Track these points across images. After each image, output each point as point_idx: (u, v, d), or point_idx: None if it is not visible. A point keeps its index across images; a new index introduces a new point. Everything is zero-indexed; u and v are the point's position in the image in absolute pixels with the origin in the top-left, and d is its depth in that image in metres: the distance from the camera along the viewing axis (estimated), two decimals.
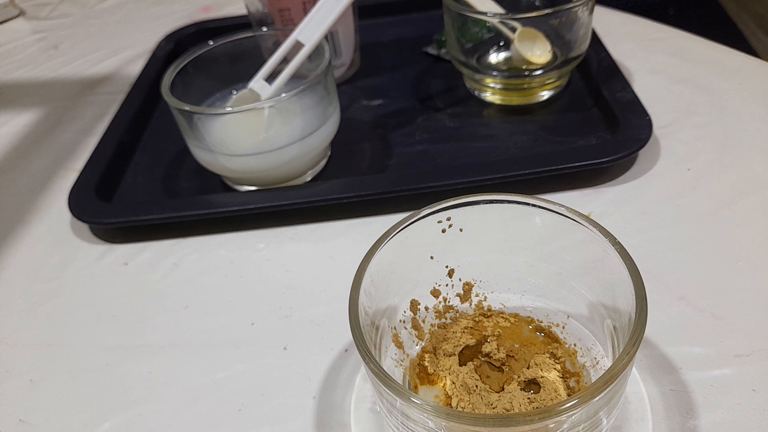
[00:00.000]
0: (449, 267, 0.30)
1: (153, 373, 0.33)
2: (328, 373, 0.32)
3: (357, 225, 0.41)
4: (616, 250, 0.24)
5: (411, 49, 0.59)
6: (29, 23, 0.79)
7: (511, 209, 0.28)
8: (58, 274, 0.40)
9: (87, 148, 0.51)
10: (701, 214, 0.38)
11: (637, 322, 0.22)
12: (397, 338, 0.29)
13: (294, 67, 0.42)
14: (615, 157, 0.40)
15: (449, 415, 0.21)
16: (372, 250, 0.26)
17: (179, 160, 0.48)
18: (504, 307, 0.31)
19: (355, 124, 0.50)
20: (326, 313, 0.35)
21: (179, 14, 0.75)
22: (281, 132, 0.41)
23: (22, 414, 0.32)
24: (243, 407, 0.31)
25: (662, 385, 0.29)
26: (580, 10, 0.44)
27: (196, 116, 0.40)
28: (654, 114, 0.43)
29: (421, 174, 0.41)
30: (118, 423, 0.31)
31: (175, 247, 0.41)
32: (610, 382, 0.20)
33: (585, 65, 0.50)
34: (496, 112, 0.49)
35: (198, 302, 0.37)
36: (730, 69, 0.50)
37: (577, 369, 0.28)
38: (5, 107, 0.61)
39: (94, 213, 0.42)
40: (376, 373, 0.22)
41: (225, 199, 0.41)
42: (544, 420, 0.20)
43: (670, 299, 0.33)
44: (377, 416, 0.29)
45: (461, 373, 0.27)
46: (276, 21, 0.50)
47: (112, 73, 0.64)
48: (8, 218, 0.46)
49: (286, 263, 0.39)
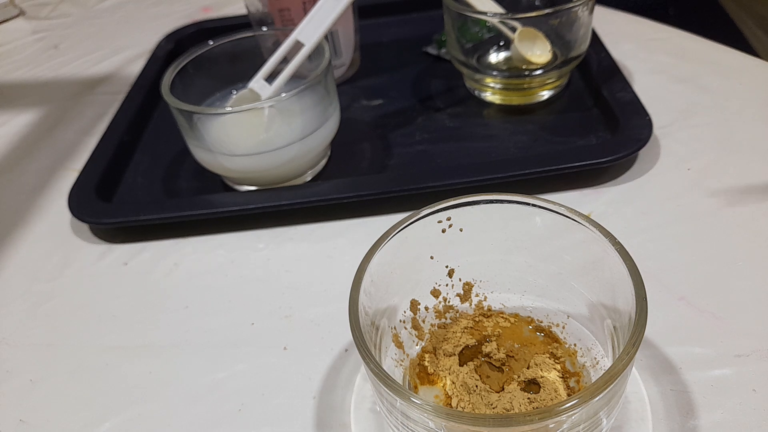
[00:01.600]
0: (449, 267, 0.30)
1: (153, 373, 0.33)
2: (328, 373, 0.32)
3: (357, 225, 0.41)
4: (616, 250, 0.25)
5: (411, 49, 0.59)
6: (29, 23, 0.79)
7: (511, 209, 0.28)
8: (58, 274, 0.40)
9: (87, 148, 0.51)
10: (701, 214, 0.38)
11: (637, 322, 0.22)
12: (397, 338, 0.29)
13: (294, 67, 0.42)
14: (615, 157, 0.40)
15: (449, 415, 0.21)
16: (372, 250, 0.26)
17: (179, 160, 0.48)
18: (504, 307, 0.31)
19: (355, 124, 0.50)
20: (326, 313, 0.35)
21: (179, 14, 0.75)
22: (281, 132, 0.41)
23: (22, 414, 0.32)
24: (243, 407, 0.31)
25: (662, 385, 0.29)
26: (580, 10, 0.44)
27: (196, 116, 0.40)
28: (654, 114, 0.43)
29: (421, 174, 0.41)
30: (118, 423, 0.31)
31: (175, 247, 0.41)
32: (610, 382, 0.21)
33: (585, 65, 0.50)
34: (496, 112, 0.49)
35: (198, 302, 0.37)
36: (730, 69, 0.50)
37: (577, 369, 0.28)
38: (5, 107, 0.61)
39: (94, 213, 0.42)
40: (376, 373, 0.22)
41: (225, 199, 0.41)
42: (544, 420, 0.20)
43: (670, 299, 0.33)
44: (377, 416, 0.29)
45: (461, 373, 0.27)
46: (276, 21, 0.50)
47: (112, 73, 0.64)
48: (8, 218, 0.46)
49: (286, 263, 0.39)
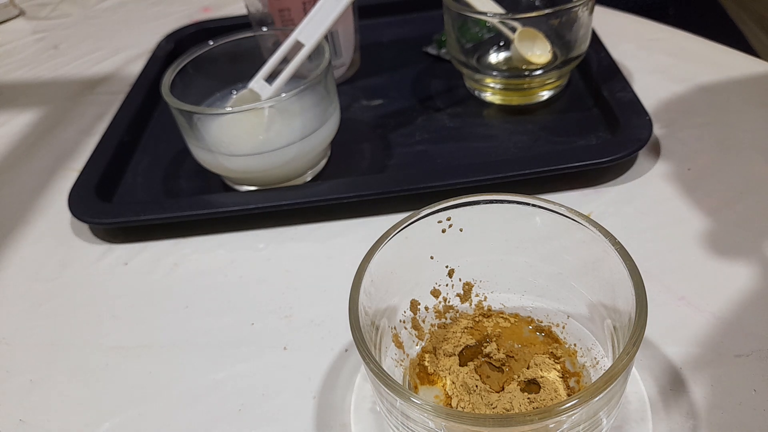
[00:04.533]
0: (449, 267, 0.30)
1: (153, 373, 0.33)
2: (328, 373, 0.32)
3: (357, 225, 0.41)
4: (616, 250, 0.24)
5: (411, 49, 0.59)
6: (29, 23, 0.79)
7: (511, 209, 0.28)
8: (58, 274, 0.40)
9: (87, 148, 0.51)
10: (701, 214, 0.38)
11: (637, 322, 0.22)
12: (397, 338, 0.29)
13: (294, 67, 0.42)
14: (615, 157, 0.40)
15: (449, 415, 0.21)
16: (372, 250, 0.26)
17: (179, 160, 0.48)
18: (504, 307, 0.31)
19: (355, 124, 0.50)
20: (326, 313, 0.35)
21: (179, 14, 0.75)
22: (281, 132, 0.41)
23: (22, 414, 0.32)
24: (243, 407, 0.31)
25: (662, 385, 0.29)
26: (580, 10, 0.44)
27: (196, 116, 0.40)
28: (654, 114, 0.43)
29: (421, 174, 0.41)
30: (118, 423, 0.31)
31: (175, 247, 0.41)
32: (610, 382, 0.21)
33: (585, 65, 0.50)
34: (496, 112, 0.49)
35: (198, 302, 0.37)
36: (730, 69, 0.50)
37: (577, 369, 0.28)
38: (5, 107, 0.61)
39: (94, 213, 0.42)
40: (376, 373, 0.22)
41: (225, 199, 0.41)
42: (544, 420, 0.20)
43: (670, 299, 0.33)
44: (377, 416, 0.29)
45: (461, 373, 0.27)
46: (276, 21, 0.50)
47: (112, 73, 0.64)
48: (8, 218, 0.46)
49: (286, 263, 0.39)
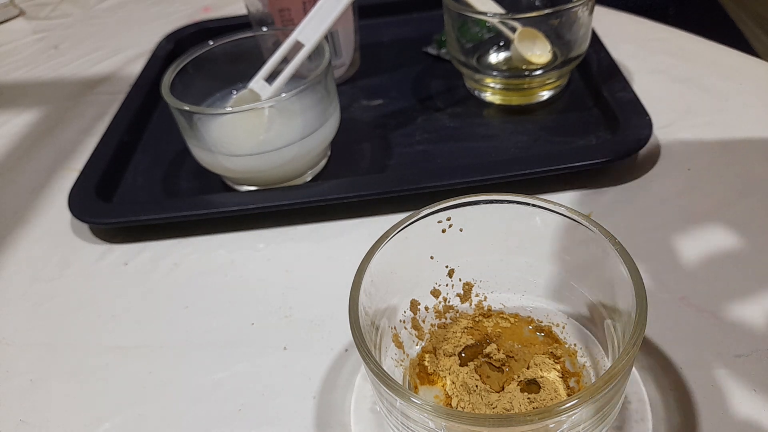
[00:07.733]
0: (449, 267, 0.30)
1: (153, 373, 0.33)
2: (328, 373, 0.32)
3: (357, 225, 0.41)
4: (616, 250, 0.24)
5: (411, 49, 0.59)
6: (29, 23, 0.79)
7: (511, 209, 0.28)
8: (58, 274, 0.40)
9: (87, 148, 0.51)
10: (701, 214, 0.38)
11: (637, 322, 0.22)
12: (397, 338, 0.29)
13: (294, 67, 0.42)
14: (615, 157, 0.40)
15: (449, 415, 0.21)
16: (372, 250, 0.26)
17: (179, 160, 0.48)
18: (504, 307, 0.31)
19: (355, 124, 0.50)
20: (326, 313, 0.35)
21: (179, 14, 0.75)
22: (281, 132, 0.41)
23: (22, 414, 0.32)
24: (243, 407, 0.31)
25: (662, 385, 0.29)
26: (580, 10, 0.44)
27: (196, 116, 0.40)
28: (654, 114, 0.43)
29: (421, 174, 0.41)
30: (118, 423, 0.31)
31: (175, 247, 0.41)
32: (610, 382, 0.21)
33: (585, 65, 0.50)
34: (496, 112, 0.49)
35: (198, 302, 0.37)
36: (730, 69, 0.50)
37: (577, 369, 0.28)
38: (5, 107, 0.61)
39: (94, 213, 0.42)
40: (376, 373, 0.22)
41: (225, 199, 0.41)
42: (544, 420, 0.20)
43: (670, 299, 0.33)
44: (377, 416, 0.29)
45: (461, 373, 0.27)
46: (276, 21, 0.50)
47: (112, 73, 0.64)
48: (8, 218, 0.46)
49: (286, 263, 0.39)
